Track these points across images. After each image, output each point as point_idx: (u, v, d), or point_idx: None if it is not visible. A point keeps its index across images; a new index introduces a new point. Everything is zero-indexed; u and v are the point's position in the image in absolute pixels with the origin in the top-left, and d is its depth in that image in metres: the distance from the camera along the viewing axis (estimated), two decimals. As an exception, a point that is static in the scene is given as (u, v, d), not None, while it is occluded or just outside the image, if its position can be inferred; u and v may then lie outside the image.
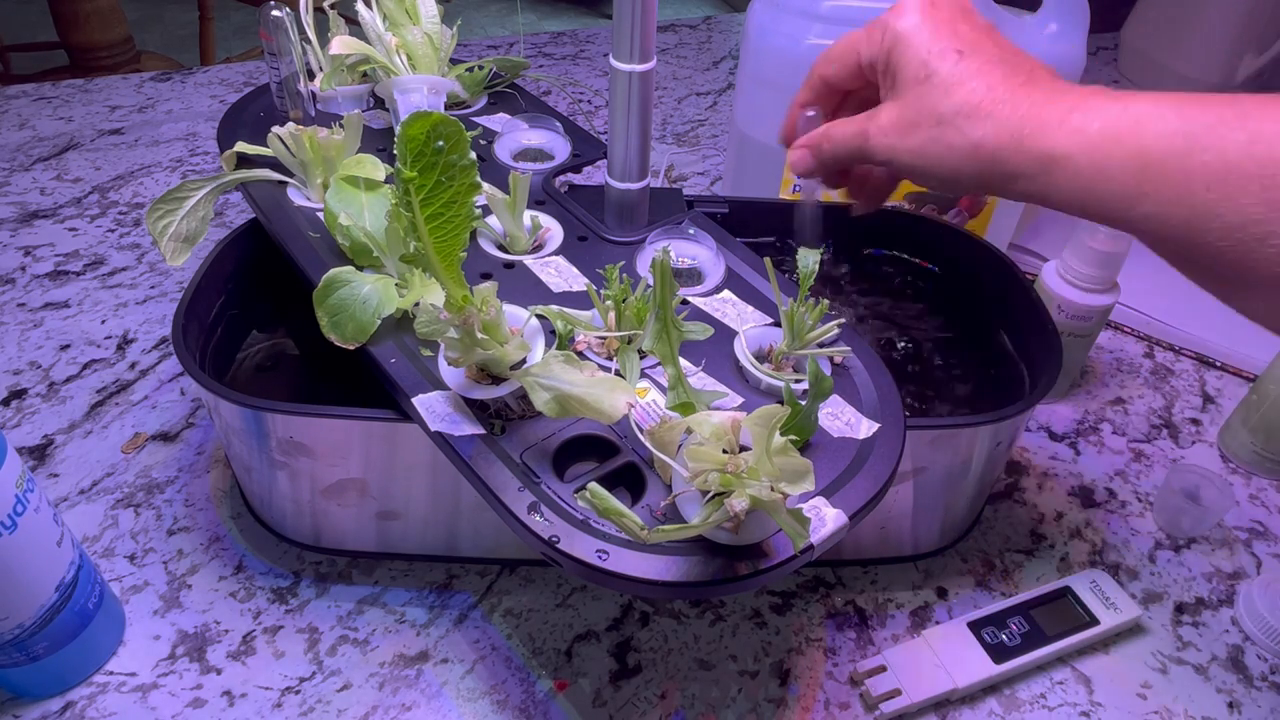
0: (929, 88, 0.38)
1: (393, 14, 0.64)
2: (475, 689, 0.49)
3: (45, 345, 0.70)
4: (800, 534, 0.35)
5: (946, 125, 0.37)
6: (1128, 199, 0.33)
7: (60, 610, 0.45)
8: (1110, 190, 0.33)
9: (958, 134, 0.37)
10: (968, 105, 0.37)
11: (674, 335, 0.44)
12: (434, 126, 0.36)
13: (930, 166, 0.38)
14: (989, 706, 0.49)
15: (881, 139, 0.40)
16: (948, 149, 0.37)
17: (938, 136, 0.38)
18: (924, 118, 0.38)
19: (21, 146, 0.93)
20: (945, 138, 0.37)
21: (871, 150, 0.40)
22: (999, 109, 0.36)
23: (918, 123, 0.38)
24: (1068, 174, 0.34)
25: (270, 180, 0.58)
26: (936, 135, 0.38)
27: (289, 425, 0.47)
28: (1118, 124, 0.33)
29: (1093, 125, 0.34)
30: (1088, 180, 0.34)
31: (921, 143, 0.38)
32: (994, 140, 0.36)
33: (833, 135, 0.43)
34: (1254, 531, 0.60)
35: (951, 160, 0.37)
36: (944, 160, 0.38)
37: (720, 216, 0.61)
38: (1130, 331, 0.75)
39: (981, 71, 0.37)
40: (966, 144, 0.37)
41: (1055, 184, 0.35)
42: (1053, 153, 0.35)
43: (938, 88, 0.37)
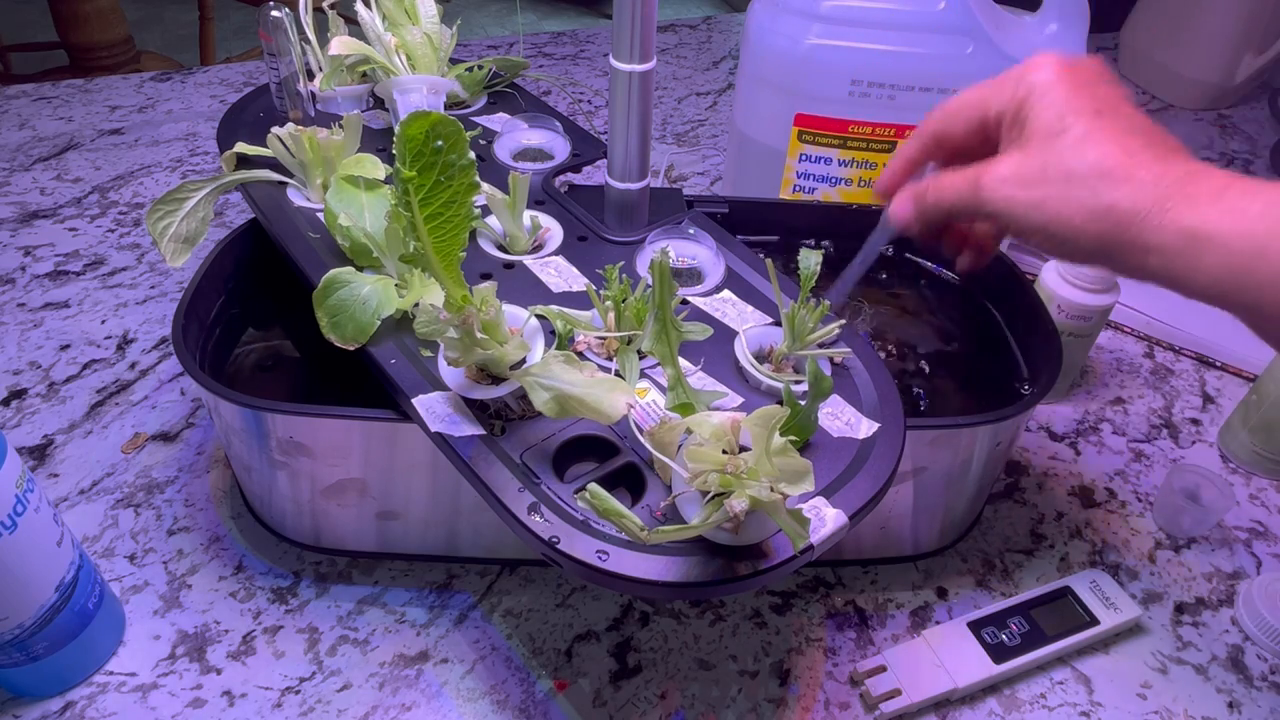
0: (1062, 142, 0.35)
1: (392, 14, 0.64)
2: (475, 689, 0.49)
3: (45, 345, 0.70)
4: (800, 534, 0.35)
5: (1077, 183, 0.35)
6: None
7: (60, 610, 0.45)
8: (1270, 276, 0.31)
9: (1090, 193, 0.34)
10: (1104, 166, 0.34)
11: (673, 335, 0.44)
12: (433, 126, 0.36)
13: (1049, 223, 0.36)
14: (989, 706, 0.49)
15: (999, 188, 0.37)
16: (1074, 207, 0.35)
17: (1065, 193, 0.35)
18: (1052, 172, 0.36)
19: (21, 146, 0.93)
20: (1074, 195, 0.35)
21: (984, 201, 0.38)
22: (1139, 173, 0.34)
23: (1044, 177, 0.36)
24: (1218, 255, 0.32)
25: (270, 181, 0.58)
26: (1064, 192, 0.35)
27: (289, 425, 0.47)
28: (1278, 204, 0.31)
29: (1252, 206, 0.32)
30: (1242, 264, 0.32)
31: (1045, 196, 0.36)
32: (1130, 205, 0.34)
33: (941, 183, 0.40)
34: (1254, 531, 0.60)
35: (1076, 220, 0.35)
36: (1068, 219, 0.35)
37: (720, 216, 0.61)
38: (1130, 331, 0.75)
39: (1121, 135, 0.35)
40: (1098, 205, 0.34)
41: (1199, 264, 0.33)
42: (1203, 230, 0.32)
43: (1071, 143, 0.35)
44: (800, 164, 0.70)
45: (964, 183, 0.39)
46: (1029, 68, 0.38)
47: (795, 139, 0.69)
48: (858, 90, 0.65)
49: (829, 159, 0.69)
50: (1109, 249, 0.35)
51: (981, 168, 0.38)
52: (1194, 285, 0.34)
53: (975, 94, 0.40)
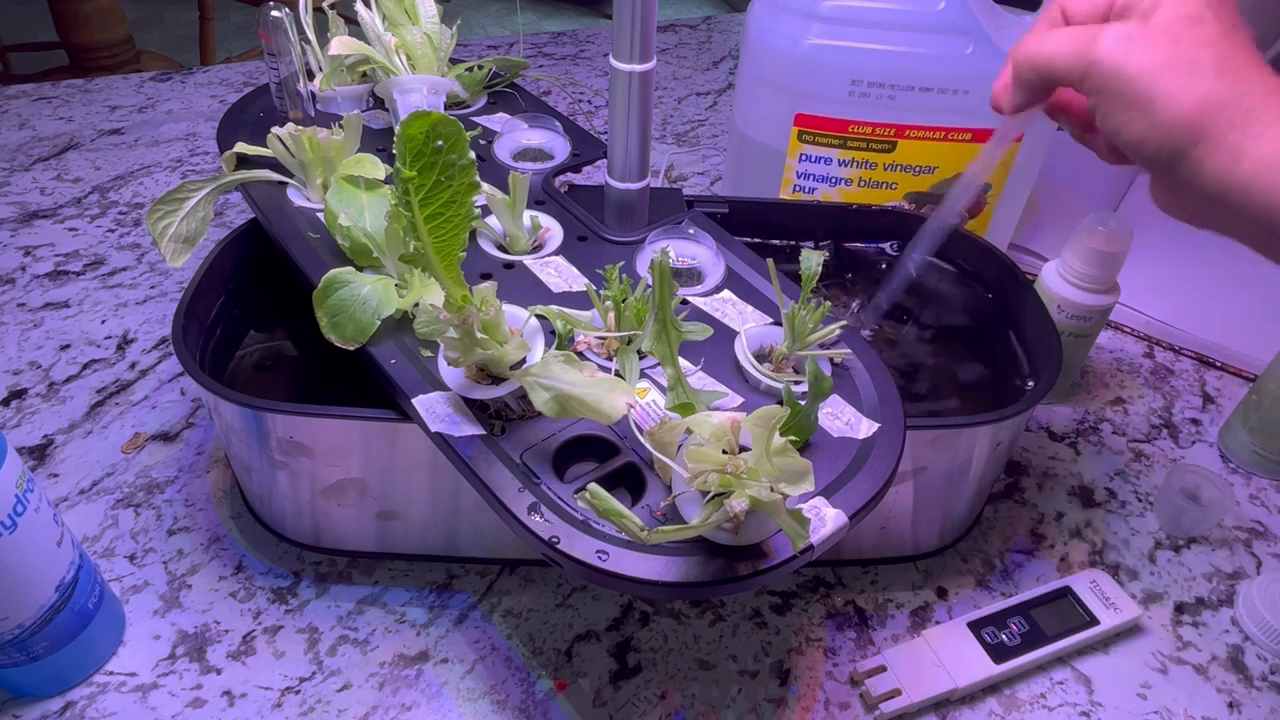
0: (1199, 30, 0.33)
1: (392, 14, 0.64)
2: (475, 689, 0.49)
3: (45, 345, 0.70)
4: (800, 534, 0.35)
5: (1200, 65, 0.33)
6: None
7: (60, 610, 0.45)
8: None
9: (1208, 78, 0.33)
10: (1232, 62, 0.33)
11: (673, 336, 0.44)
12: (433, 126, 0.36)
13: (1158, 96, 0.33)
14: (989, 706, 0.49)
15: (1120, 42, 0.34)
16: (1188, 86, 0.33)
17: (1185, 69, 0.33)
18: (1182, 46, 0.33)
19: (21, 146, 0.93)
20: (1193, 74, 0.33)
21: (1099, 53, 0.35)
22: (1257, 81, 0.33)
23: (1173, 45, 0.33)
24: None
25: (270, 181, 0.58)
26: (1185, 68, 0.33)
27: (289, 425, 0.47)
28: None
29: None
30: None
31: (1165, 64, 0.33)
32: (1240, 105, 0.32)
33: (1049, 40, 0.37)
34: (1254, 531, 0.60)
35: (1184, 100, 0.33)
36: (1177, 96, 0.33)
37: (720, 216, 0.61)
38: (1130, 331, 0.75)
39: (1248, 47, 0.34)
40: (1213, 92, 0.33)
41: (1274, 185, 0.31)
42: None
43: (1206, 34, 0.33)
44: (800, 164, 0.70)
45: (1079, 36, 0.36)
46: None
47: (795, 139, 0.68)
48: (858, 90, 0.65)
49: (829, 159, 0.69)
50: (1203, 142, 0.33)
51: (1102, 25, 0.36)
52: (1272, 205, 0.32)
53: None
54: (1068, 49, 0.36)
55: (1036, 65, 0.38)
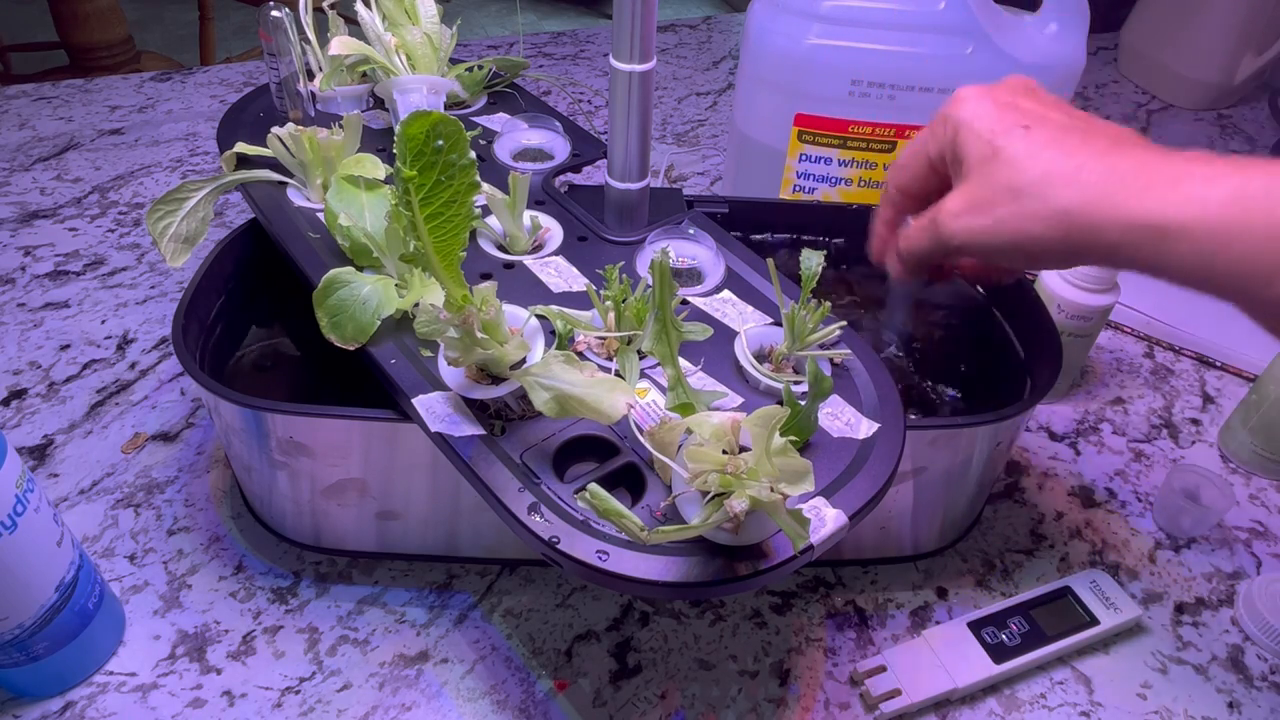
0: (999, 164, 0.36)
1: (392, 14, 0.64)
2: (475, 689, 0.49)
3: (45, 345, 0.70)
4: (800, 534, 0.35)
5: (1025, 196, 0.35)
6: (1261, 276, 0.30)
7: (60, 610, 0.45)
8: (1241, 266, 0.30)
9: (1039, 202, 0.34)
10: (1046, 174, 0.34)
11: (673, 336, 0.44)
12: (433, 126, 0.36)
13: (1010, 240, 0.36)
14: (989, 706, 0.49)
15: (953, 222, 0.37)
16: (1029, 218, 0.35)
17: (1016, 209, 0.35)
18: (999, 193, 0.36)
19: (21, 146, 0.93)
20: (1025, 208, 0.35)
21: (946, 237, 0.38)
22: (1083, 175, 0.34)
23: (992, 200, 0.36)
24: (1185, 246, 0.31)
25: (270, 181, 0.58)
26: (1015, 208, 0.35)
27: (289, 425, 0.47)
28: (1244, 191, 0.30)
29: (1213, 194, 0.31)
30: (1210, 254, 0.31)
31: (999, 217, 0.36)
32: (1081, 206, 0.33)
33: (908, 235, 0.41)
34: (1254, 531, 0.60)
35: (1034, 230, 0.35)
36: (1026, 231, 0.35)
37: (720, 216, 0.61)
38: (1130, 331, 0.75)
39: (1055, 140, 0.35)
40: (1050, 211, 0.34)
41: (1171, 257, 0.32)
42: (1164, 223, 0.32)
43: (1008, 163, 0.35)
44: (800, 164, 0.70)
45: (924, 229, 0.40)
46: (951, 105, 0.38)
47: (795, 139, 0.69)
48: (858, 90, 0.65)
49: (829, 159, 0.69)
50: (1076, 251, 0.35)
51: (935, 209, 0.39)
52: (1173, 277, 0.33)
53: (916, 143, 0.41)
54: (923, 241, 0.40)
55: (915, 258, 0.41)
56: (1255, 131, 1.07)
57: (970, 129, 0.37)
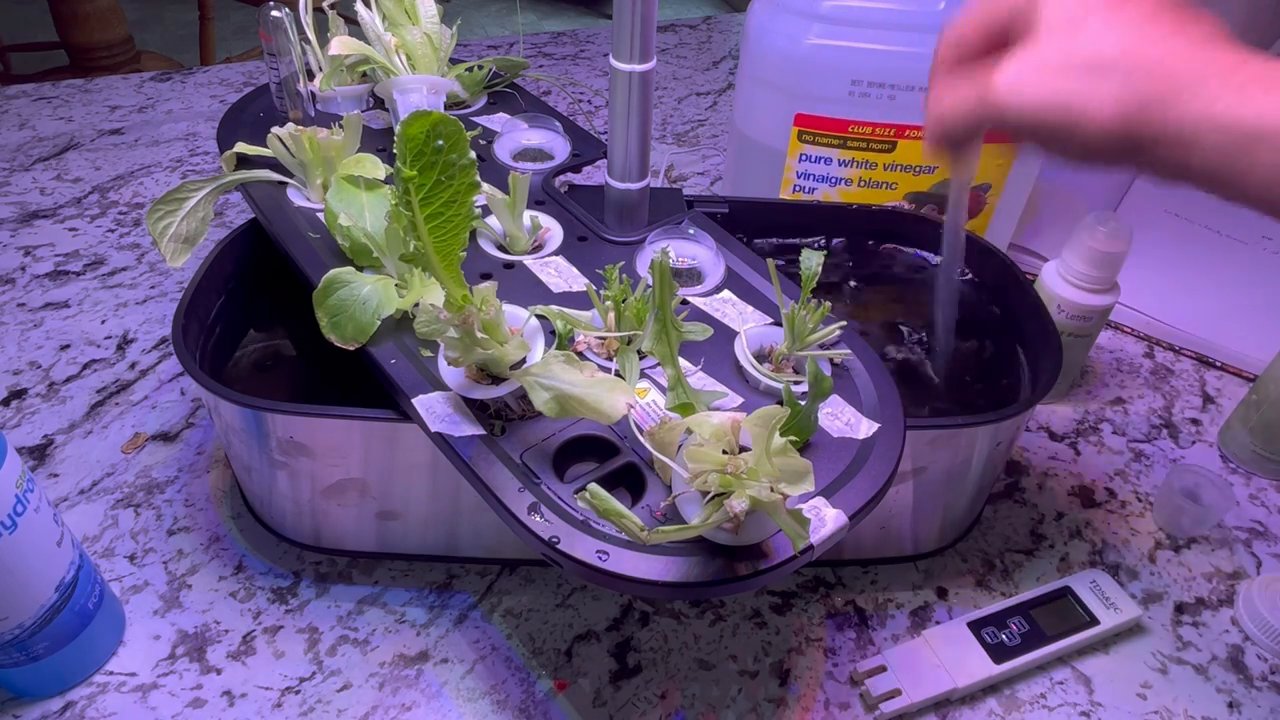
0: (1081, 34, 0.31)
1: (392, 14, 0.64)
2: (475, 689, 0.49)
3: (45, 345, 0.70)
4: (800, 534, 0.35)
5: (1104, 72, 0.31)
6: None
7: (60, 610, 0.45)
8: None
9: (1118, 83, 0.30)
10: (1134, 52, 0.30)
11: (673, 336, 0.44)
12: (433, 126, 0.36)
13: (1077, 120, 0.31)
14: (989, 706, 0.49)
15: (1011, 92, 0.33)
16: (1102, 99, 0.31)
17: (1090, 87, 0.31)
18: (1073, 66, 0.31)
19: (21, 146, 0.93)
20: (1100, 87, 0.31)
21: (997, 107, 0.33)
22: (1176, 61, 0.30)
23: (1064, 70, 0.31)
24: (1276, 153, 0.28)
25: (270, 181, 0.58)
26: (1088, 85, 0.31)
27: (289, 425, 0.47)
28: None
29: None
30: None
31: (1066, 92, 0.31)
32: (1165, 96, 0.30)
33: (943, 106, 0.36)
34: (1254, 531, 0.60)
35: (1105, 113, 0.31)
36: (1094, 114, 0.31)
37: (720, 216, 0.61)
38: (1130, 331, 0.75)
39: (1147, 21, 0.31)
40: (1130, 95, 0.30)
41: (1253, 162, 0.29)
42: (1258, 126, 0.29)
43: (1093, 35, 0.31)
44: (800, 164, 0.70)
45: (970, 96, 0.35)
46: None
47: (795, 139, 0.68)
48: (858, 90, 0.65)
49: (829, 159, 0.69)
50: (1145, 144, 0.31)
51: (987, 74, 0.34)
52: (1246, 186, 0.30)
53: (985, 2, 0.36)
54: (970, 107, 0.35)
55: (948, 129, 0.36)
56: (1255, 131, 1.06)
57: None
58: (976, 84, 0.34)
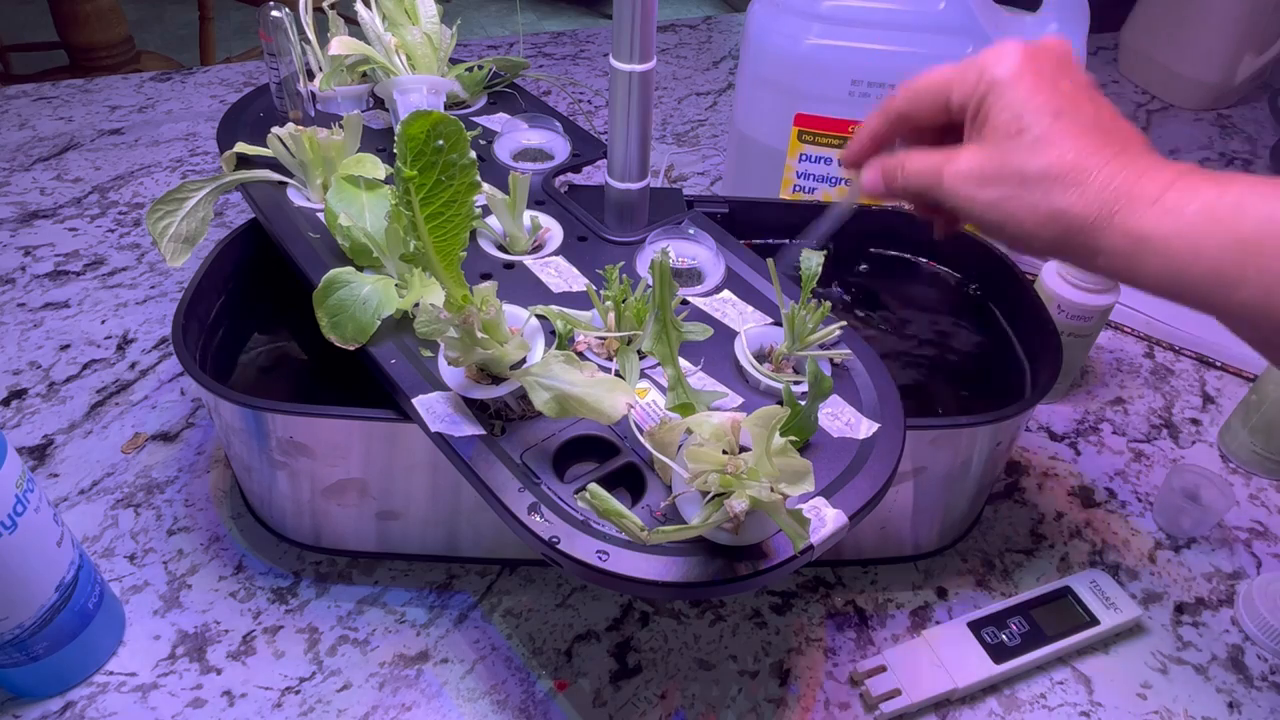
0: (1018, 144, 0.36)
1: (392, 14, 0.64)
2: (475, 689, 0.49)
3: (45, 345, 0.70)
4: (800, 534, 0.35)
5: (1030, 186, 0.36)
6: (1226, 284, 0.32)
7: (60, 610, 0.45)
8: (1205, 275, 0.32)
9: (1042, 197, 0.35)
10: (1056, 169, 0.35)
11: (673, 336, 0.44)
12: (434, 126, 0.36)
13: (1004, 223, 0.37)
14: (989, 706, 0.49)
15: (958, 185, 0.38)
16: (1027, 210, 0.36)
17: (1018, 195, 0.36)
18: (1008, 174, 0.36)
19: (21, 146, 0.93)
20: (1026, 197, 0.36)
21: (945, 194, 0.39)
22: (1089, 179, 0.34)
23: (999, 176, 0.37)
24: (1159, 256, 0.33)
25: (270, 181, 0.58)
26: (1017, 193, 0.36)
27: (289, 425, 0.47)
28: (1216, 206, 0.32)
29: (1188, 206, 0.32)
30: (1181, 264, 0.33)
31: (999, 198, 0.37)
32: (1079, 211, 0.35)
33: (908, 167, 0.41)
34: (1254, 531, 0.60)
35: (1029, 223, 0.36)
36: (1021, 221, 0.36)
37: (720, 216, 0.61)
38: (1130, 331, 0.75)
39: (1077, 136, 0.35)
40: (1049, 209, 0.35)
41: (1144, 265, 0.34)
42: (1143, 233, 0.33)
43: (1027, 145, 0.36)
44: (800, 164, 0.70)
45: (929, 172, 0.39)
46: (990, 58, 0.38)
47: (795, 139, 0.69)
48: (858, 90, 0.65)
49: (829, 159, 0.69)
50: (1062, 249, 0.36)
51: (945, 159, 0.39)
52: (1143, 285, 0.35)
53: (939, 78, 0.40)
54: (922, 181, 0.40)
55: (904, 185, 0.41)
56: (1255, 131, 1.07)
57: (1003, 96, 0.37)
58: (933, 164, 0.39)
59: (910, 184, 0.41)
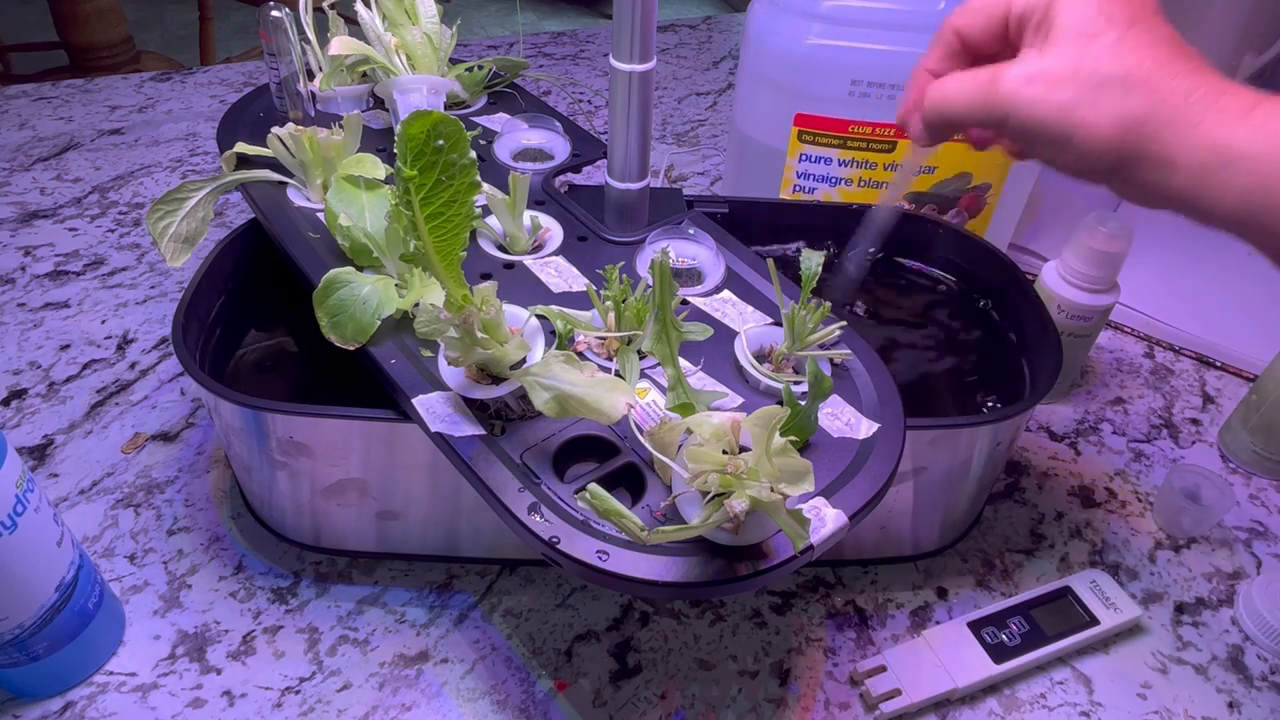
0: (1093, 46, 0.33)
1: (392, 14, 0.64)
2: (475, 689, 0.49)
3: (45, 345, 0.70)
4: (800, 534, 0.35)
5: (1107, 89, 0.33)
6: None
7: (60, 610, 0.45)
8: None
9: (1118, 100, 0.33)
10: (1138, 73, 0.33)
11: (673, 336, 0.44)
12: (434, 125, 0.36)
13: (1075, 130, 0.34)
14: (989, 706, 0.49)
15: (1020, 86, 0.35)
16: (1102, 114, 0.33)
17: (1093, 100, 0.33)
18: (1081, 75, 0.33)
19: (21, 146, 0.93)
20: (1102, 102, 0.33)
21: (1003, 101, 0.35)
22: (1172, 84, 0.32)
23: (1072, 78, 0.34)
24: (1245, 175, 0.31)
25: (270, 181, 0.58)
26: (1093, 96, 0.33)
27: (289, 425, 0.47)
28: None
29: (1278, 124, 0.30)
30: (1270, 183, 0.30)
31: (1070, 100, 0.33)
32: (1157, 116, 0.32)
33: (947, 86, 0.37)
34: (1254, 531, 0.60)
35: (1101, 126, 0.33)
36: (1093, 125, 0.33)
37: (720, 216, 0.61)
38: (1130, 331, 0.75)
39: (1154, 45, 0.33)
40: (1127, 113, 0.32)
41: (1228, 184, 0.31)
42: (1230, 147, 0.31)
43: (1104, 49, 0.33)
44: (800, 164, 0.70)
45: (977, 84, 0.36)
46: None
47: (795, 139, 0.68)
48: (858, 90, 0.65)
49: (829, 159, 0.69)
50: (1132, 162, 0.33)
51: (999, 68, 0.36)
52: (1218, 207, 0.32)
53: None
54: (972, 98, 0.36)
55: (945, 115, 0.38)
56: (1255, 131, 1.06)
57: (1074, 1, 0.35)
58: (985, 77, 0.36)
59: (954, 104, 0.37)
